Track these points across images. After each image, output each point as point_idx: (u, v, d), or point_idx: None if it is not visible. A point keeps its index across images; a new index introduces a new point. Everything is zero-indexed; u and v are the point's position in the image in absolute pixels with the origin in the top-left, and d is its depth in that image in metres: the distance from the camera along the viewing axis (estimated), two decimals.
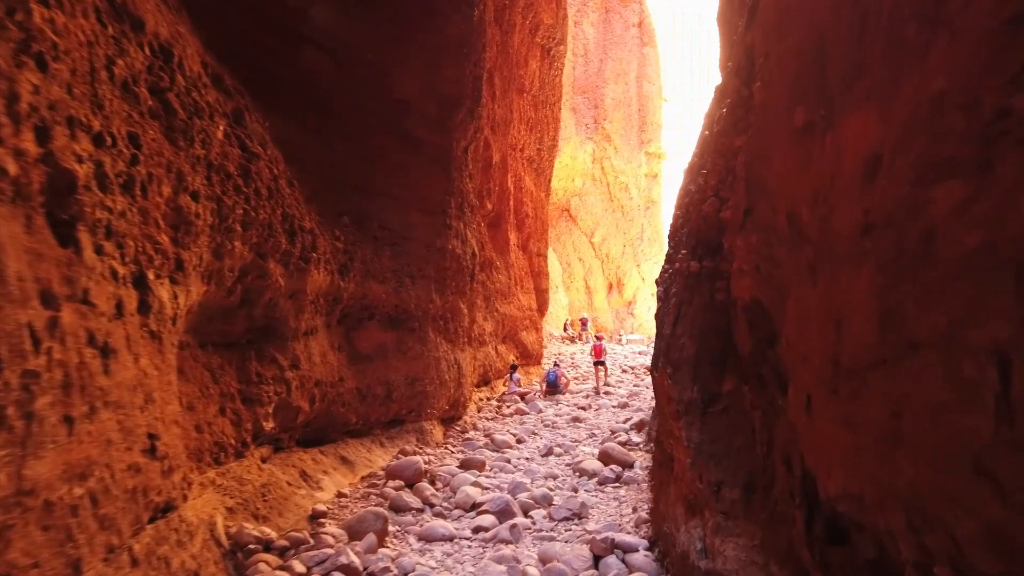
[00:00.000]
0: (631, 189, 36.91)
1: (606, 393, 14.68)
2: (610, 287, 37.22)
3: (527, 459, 8.04)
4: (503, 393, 14.08)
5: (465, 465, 7.17)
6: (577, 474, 7.13)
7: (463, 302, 10.22)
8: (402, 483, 6.21)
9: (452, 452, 8.18)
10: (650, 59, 37.54)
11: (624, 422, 10.27)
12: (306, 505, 5.42)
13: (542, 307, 21.45)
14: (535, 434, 9.85)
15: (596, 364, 15.69)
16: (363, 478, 6.65)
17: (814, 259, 2.41)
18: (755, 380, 3.15)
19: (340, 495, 5.89)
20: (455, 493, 6.06)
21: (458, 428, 9.64)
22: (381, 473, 6.70)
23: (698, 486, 3.22)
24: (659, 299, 6.42)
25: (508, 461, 7.66)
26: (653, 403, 12.38)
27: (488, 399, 13.33)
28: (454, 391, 9.55)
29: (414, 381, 8.37)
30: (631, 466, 7.25)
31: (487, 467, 7.32)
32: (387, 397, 7.82)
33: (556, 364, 15.87)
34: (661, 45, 37.94)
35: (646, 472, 6.75)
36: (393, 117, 8.35)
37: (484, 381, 14.07)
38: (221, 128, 4.81)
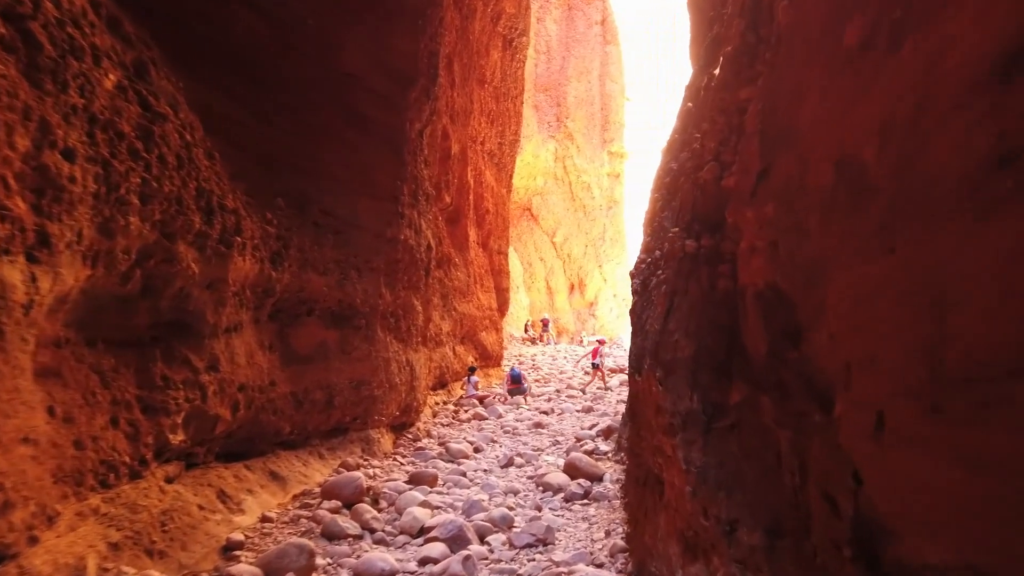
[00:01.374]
0: (593, 189, 36.49)
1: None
2: (572, 288, 36.72)
3: (485, 471, 7.27)
4: (460, 397, 13.29)
5: (415, 480, 6.36)
6: (541, 489, 6.40)
7: (417, 298, 9.40)
8: (339, 504, 5.38)
9: (402, 464, 7.36)
10: (613, 57, 37.23)
11: (590, 428, 9.60)
12: (220, 534, 4.56)
13: (503, 307, 20.72)
14: (494, 441, 9.10)
15: (594, 366, 16.28)
16: (296, 497, 5.79)
17: (888, 217, 1.71)
18: (775, 389, 2.45)
19: (265, 519, 5.03)
20: (401, 515, 5.26)
21: (410, 436, 8.82)
22: (317, 490, 5.85)
23: (702, 522, 2.51)
24: (635, 292, 5.74)
25: (464, 474, 6.88)
26: (620, 408, 11.75)
27: (445, 403, 12.52)
28: (406, 395, 8.73)
29: (360, 385, 7.53)
30: (600, 479, 6.55)
31: (439, 482, 6.52)
32: (328, 403, 6.96)
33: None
34: (624, 44, 37.64)
35: (618, 487, 6.06)
36: (338, 92, 7.51)
37: (441, 384, 13.26)
38: (112, 78, 3.93)
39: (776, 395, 2.41)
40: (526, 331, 30.29)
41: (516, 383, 13.82)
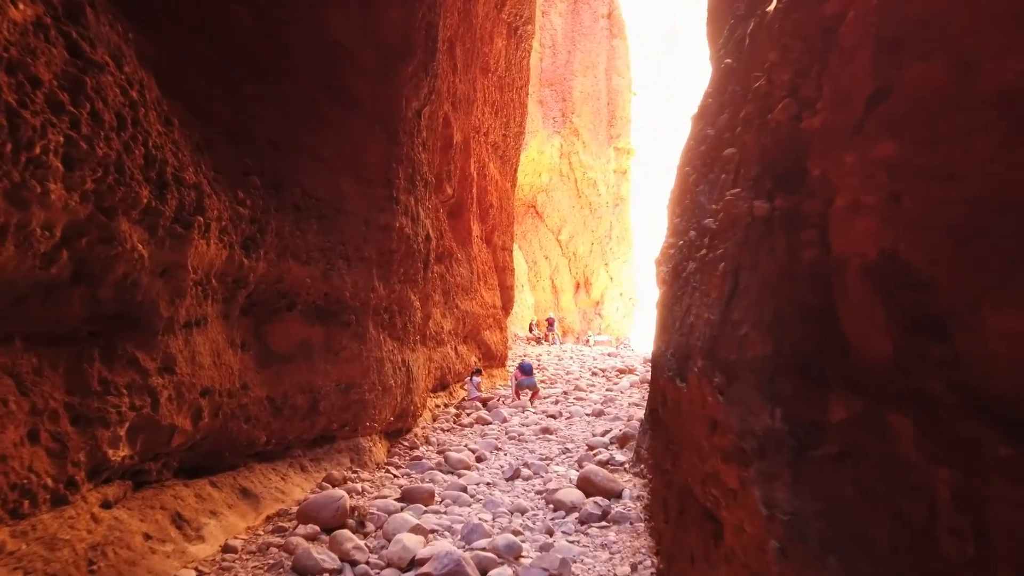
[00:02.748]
0: (599, 185, 35.67)
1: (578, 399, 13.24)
2: (577, 287, 35.91)
3: (488, 484, 6.49)
4: (463, 399, 12.52)
5: (408, 497, 5.58)
6: (551, 507, 5.61)
7: (414, 293, 8.62)
8: (317, 529, 4.61)
9: (395, 477, 6.59)
10: (619, 52, 36.42)
11: (603, 434, 8.80)
12: (167, 570, 3.79)
13: (507, 305, 19.94)
14: (498, 449, 8.32)
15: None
16: (269, 518, 5.02)
17: None
18: (913, 404, 1.67)
19: (227, 549, 4.26)
20: (390, 542, 4.48)
21: (406, 444, 8.05)
22: (295, 510, 5.08)
23: None
24: (663, 282, 4.96)
25: (464, 489, 6.09)
26: (633, 411, 10.96)
27: (446, 406, 11.76)
28: (401, 399, 7.95)
29: (349, 388, 6.76)
30: (619, 495, 5.77)
31: (436, 498, 5.75)
32: (312, 408, 6.19)
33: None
34: (631, 38, 36.83)
35: (640, 506, 5.28)
36: (323, 63, 6.75)
37: (442, 385, 12.50)
38: (25, 9, 3.17)
39: (918, 413, 1.62)
40: (531, 331, 29.54)
41: (527, 374, 13.17)
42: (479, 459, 7.65)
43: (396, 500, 5.52)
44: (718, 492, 2.43)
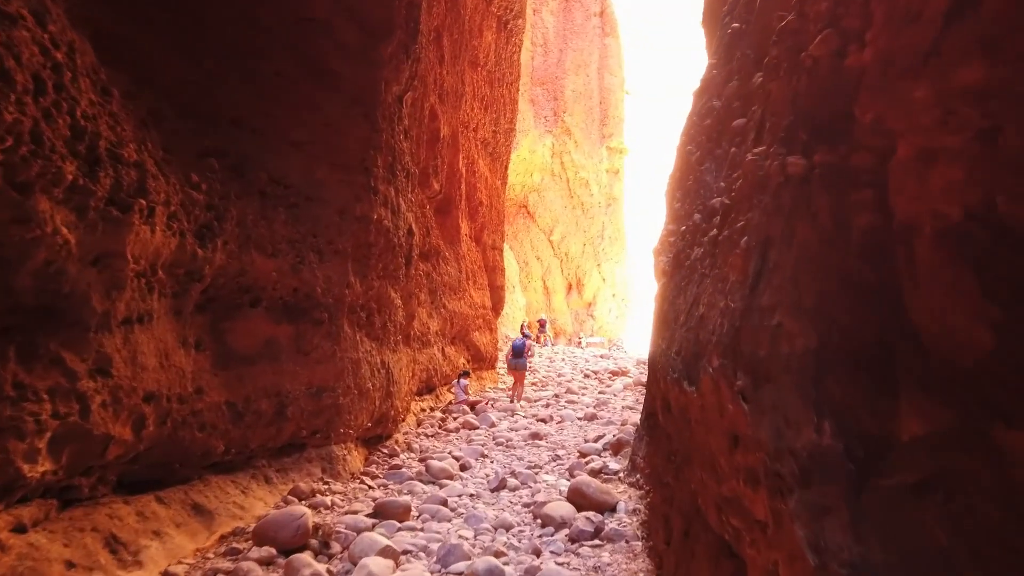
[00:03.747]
0: (592, 185, 35.23)
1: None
2: (569, 287, 35.44)
3: (472, 496, 5.98)
4: (449, 402, 12.00)
5: (381, 512, 5.06)
6: (539, 523, 5.10)
7: (395, 290, 8.11)
8: (273, 552, 4.09)
9: (370, 488, 6.06)
10: (612, 50, 36.05)
11: (595, 440, 8.31)
12: None
13: (497, 305, 19.44)
14: (484, 456, 7.81)
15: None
16: (223, 538, 4.50)
17: None
18: None
19: (166, 575, 3.74)
20: (355, 566, 3.96)
21: (385, 451, 7.52)
22: (254, 528, 4.56)
23: None
24: (663, 274, 4.47)
25: (444, 502, 5.58)
26: (627, 415, 10.49)
27: (432, 409, 11.24)
28: (380, 403, 7.43)
29: (321, 392, 6.23)
30: (613, 509, 5.27)
31: (413, 512, 5.24)
32: (278, 414, 5.67)
33: (524, 334, 14.97)
34: (623, 36, 36.46)
35: (636, 522, 4.78)
36: (297, 39, 6.24)
37: (428, 388, 11.98)
38: None
39: None
40: (522, 332, 28.98)
41: (518, 356, 12.95)
42: (463, 467, 7.14)
43: (368, 515, 5.00)
44: (739, 523, 1.94)
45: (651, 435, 5.55)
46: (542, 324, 29.32)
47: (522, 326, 29.33)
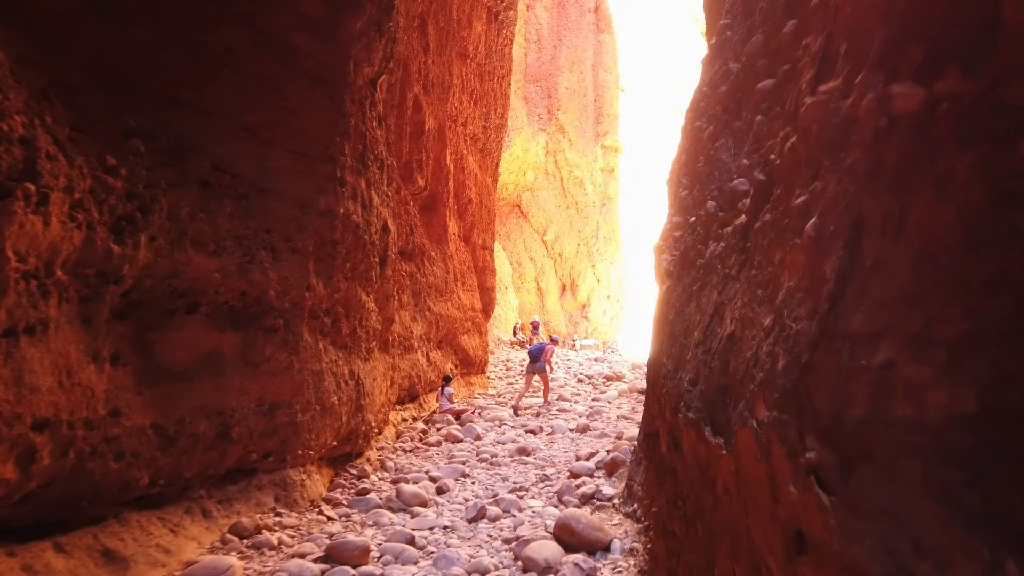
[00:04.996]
0: (586, 184, 34.51)
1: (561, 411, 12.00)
2: (563, 289, 34.73)
3: (445, 529, 5.23)
4: (433, 412, 11.26)
5: (333, 555, 4.31)
6: (520, 567, 4.36)
7: (367, 293, 7.35)
8: None
9: (328, 520, 5.31)
10: (607, 46, 35.37)
11: (588, 457, 7.57)
12: None
13: (488, 308, 18.70)
14: (465, 476, 7.07)
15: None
16: None
17: None
18: None
19: None
20: None
21: (354, 472, 6.76)
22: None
23: None
24: (668, 275, 3.74)
25: (412, 539, 4.82)
26: (622, 426, 9.76)
27: (414, 420, 10.51)
28: (348, 419, 6.68)
29: (275, 409, 5.48)
30: (607, 548, 4.53)
31: (373, 552, 4.49)
32: (221, 436, 4.91)
33: (553, 340, 15.66)
34: (618, 32, 35.78)
35: (635, 569, 4.04)
36: (251, 8, 5.48)
37: (411, 396, 11.24)
38: None
39: None
40: (515, 334, 28.32)
41: (533, 360, 12.94)
42: (440, 491, 6.39)
43: (317, 559, 4.25)
44: None
45: (650, 459, 4.82)
46: (535, 326, 28.59)
47: (515, 328, 28.64)
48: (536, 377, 13.13)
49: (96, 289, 3.94)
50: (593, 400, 13.46)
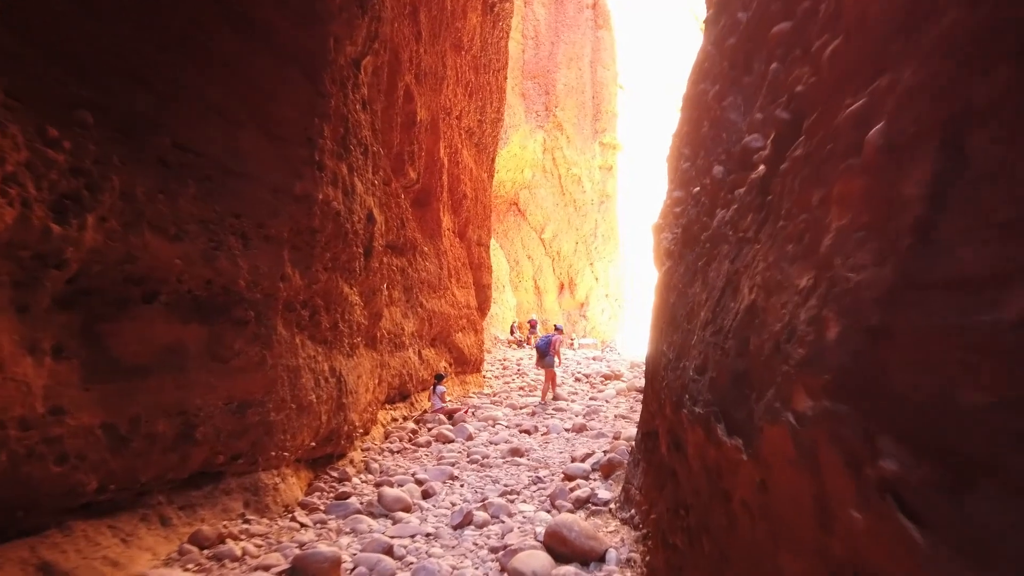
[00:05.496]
0: (584, 182, 34.14)
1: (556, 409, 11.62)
2: (561, 287, 34.36)
3: (427, 537, 4.85)
4: (424, 411, 10.88)
5: (298, 569, 3.92)
6: None
7: (351, 285, 6.97)
8: None
9: (301, 527, 4.92)
10: (605, 43, 35.00)
11: (584, 458, 7.19)
12: None
13: (483, 305, 18.31)
14: (454, 479, 6.68)
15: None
16: None
17: None
18: None
19: None
20: None
21: (335, 474, 6.38)
22: None
23: None
24: (668, 256, 3.37)
25: (390, 549, 4.43)
26: (620, 425, 9.37)
27: (404, 419, 10.13)
28: (329, 418, 6.29)
29: (245, 407, 5.09)
30: (602, 559, 4.15)
31: (345, 565, 4.10)
32: (183, 437, 4.52)
33: (557, 328, 15.24)
34: (617, 29, 35.41)
35: None
36: None
37: (402, 395, 10.86)
38: None
39: None
40: (512, 333, 27.94)
41: (542, 355, 12.95)
42: (426, 494, 6.01)
43: (281, 573, 3.86)
44: None
45: (649, 461, 4.44)
46: (532, 325, 28.22)
47: (512, 326, 28.25)
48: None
49: (33, 273, 3.55)
50: (590, 399, 13.09)
